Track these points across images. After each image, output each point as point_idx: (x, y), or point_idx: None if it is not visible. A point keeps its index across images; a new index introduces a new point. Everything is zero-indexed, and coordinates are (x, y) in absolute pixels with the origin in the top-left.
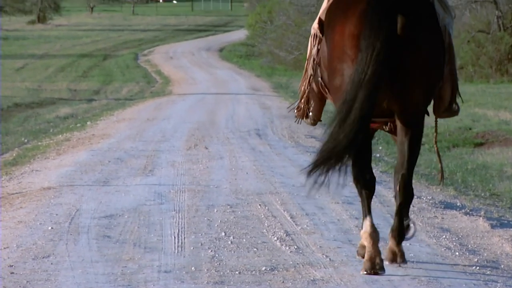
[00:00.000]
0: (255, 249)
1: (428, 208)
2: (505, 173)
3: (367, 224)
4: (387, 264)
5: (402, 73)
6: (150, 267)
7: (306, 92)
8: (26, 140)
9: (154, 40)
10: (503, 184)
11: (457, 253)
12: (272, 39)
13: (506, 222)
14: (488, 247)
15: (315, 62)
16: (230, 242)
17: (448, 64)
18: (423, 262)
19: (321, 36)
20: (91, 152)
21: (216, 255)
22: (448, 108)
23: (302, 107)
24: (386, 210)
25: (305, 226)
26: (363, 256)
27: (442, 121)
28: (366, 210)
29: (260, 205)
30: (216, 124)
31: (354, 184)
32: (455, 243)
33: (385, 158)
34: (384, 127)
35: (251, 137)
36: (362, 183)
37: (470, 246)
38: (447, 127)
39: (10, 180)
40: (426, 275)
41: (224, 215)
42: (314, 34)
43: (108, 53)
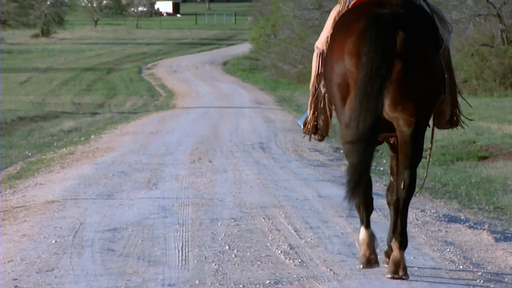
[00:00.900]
0: (259, 262)
1: (432, 221)
2: (509, 186)
3: (363, 229)
4: (389, 277)
5: (402, 87)
6: (154, 281)
7: (314, 109)
8: (30, 154)
9: (158, 53)
10: (507, 197)
11: (461, 266)
12: (275, 53)
13: (510, 235)
14: (492, 261)
15: (320, 79)
16: (234, 256)
17: (448, 78)
18: (427, 276)
19: (324, 55)
20: (95, 166)
21: (220, 269)
22: (449, 121)
23: (311, 123)
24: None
25: (309, 239)
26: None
27: (446, 134)
28: (365, 220)
29: (264, 218)
30: (220, 138)
31: (355, 202)
32: (459, 257)
33: (389, 172)
34: (389, 140)
35: (255, 150)
36: (364, 192)
37: (474, 260)
38: (451, 141)
39: (14, 194)
40: None
41: (228, 229)
42: (319, 53)
43: (112, 66)
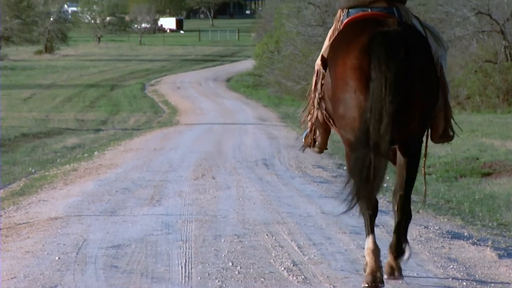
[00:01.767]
0: (262, 279)
1: (436, 238)
2: None
3: (369, 241)
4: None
5: (403, 103)
6: None
7: (312, 123)
8: (33, 170)
9: (161, 70)
10: (510, 214)
11: (464, 283)
12: (279, 69)
13: None
14: (495, 277)
15: (319, 95)
16: (237, 272)
17: (442, 94)
18: None
19: (324, 71)
20: (98, 182)
21: (224, 285)
22: (443, 135)
23: (310, 136)
24: None
25: (312, 256)
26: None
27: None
28: (369, 229)
29: (267, 235)
30: (223, 154)
31: (359, 205)
32: (462, 273)
33: (392, 188)
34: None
35: (259, 167)
36: (367, 203)
37: (477, 276)
38: (454, 157)
39: (17, 210)
40: None
41: (232, 245)
42: (317, 70)
43: (116, 83)
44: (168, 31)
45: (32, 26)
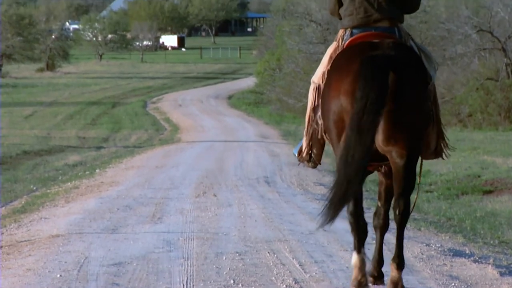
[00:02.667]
0: None
1: (437, 255)
2: None
3: (355, 255)
4: None
5: (395, 123)
6: None
7: (309, 139)
8: (35, 188)
9: (163, 87)
10: None
11: None
12: (280, 87)
13: None
14: None
15: (316, 113)
16: None
17: (434, 111)
18: None
19: (322, 91)
20: (100, 200)
21: None
22: (434, 152)
23: (305, 151)
24: None
25: (314, 273)
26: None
27: (451, 168)
28: (359, 244)
29: (269, 252)
30: (225, 172)
31: (349, 220)
32: None
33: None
34: (379, 168)
35: (260, 184)
36: (356, 218)
37: None
38: (456, 175)
39: (19, 228)
40: None
41: (233, 263)
42: (315, 88)
43: (117, 100)
44: (169, 48)
45: (33, 44)
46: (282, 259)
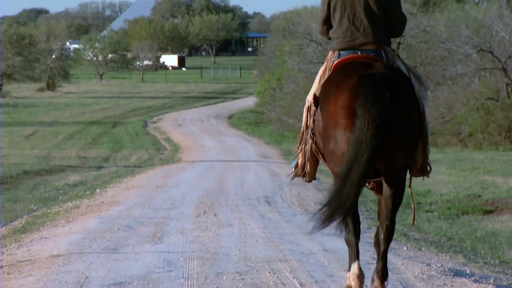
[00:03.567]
0: None
1: (438, 275)
2: None
3: (355, 266)
4: None
5: (388, 138)
6: None
7: (303, 155)
8: (35, 208)
9: (163, 107)
10: None
11: None
12: (281, 106)
13: None
14: None
15: (311, 131)
16: None
17: (422, 131)
18: None
19: (315, 108)
20: (100, 220)
21: None
22: (421, 169)
23: (300, 167)
24: (396, 277)
25: None
26: None
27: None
28: (355, 256)
29: (269, 272)
30: (225, 191)
31: (345, 233)
32: None
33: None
34: (366, 185)
35: (260, 204)
36: (352, 231)
37: None
38: (456, 195)
39: (19, 248)
40: None
41: (234, 283)
42: (308, 107)
43: (117, 120)
44: (170, 68)
45: (34, 63)
46: (283, 279)
